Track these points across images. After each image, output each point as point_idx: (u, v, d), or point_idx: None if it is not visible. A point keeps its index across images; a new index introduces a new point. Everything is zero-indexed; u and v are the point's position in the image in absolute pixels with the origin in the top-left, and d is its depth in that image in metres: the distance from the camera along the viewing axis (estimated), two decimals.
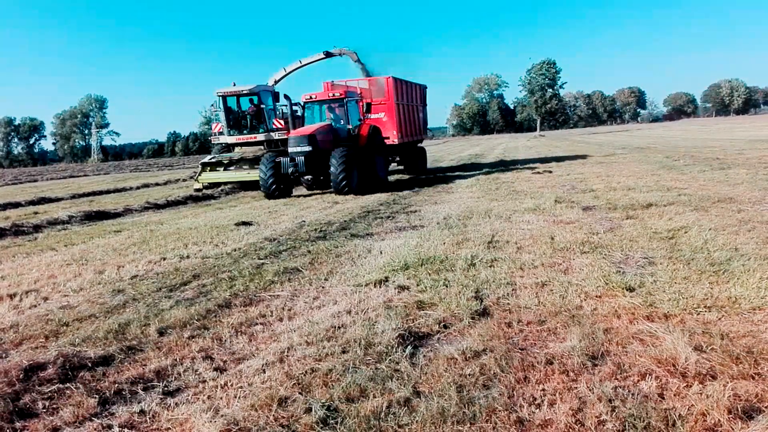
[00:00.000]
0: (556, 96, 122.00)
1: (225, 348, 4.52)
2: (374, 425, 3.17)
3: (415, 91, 24.44)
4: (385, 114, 20.97)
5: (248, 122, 20.29)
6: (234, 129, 20.38)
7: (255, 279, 6.60)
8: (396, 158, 23.15)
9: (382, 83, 21.33)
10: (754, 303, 4.64)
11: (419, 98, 25.07)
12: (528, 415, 3.20)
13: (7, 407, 3.60)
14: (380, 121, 20.56)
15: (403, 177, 22.50)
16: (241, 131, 20.32)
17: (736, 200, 10.04)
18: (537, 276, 5.89)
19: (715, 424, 2.99)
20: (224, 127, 20.22)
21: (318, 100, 17.89)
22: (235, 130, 20.39)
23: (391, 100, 20.94)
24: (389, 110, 20.97)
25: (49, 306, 6.03)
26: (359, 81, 21.88)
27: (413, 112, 23.78)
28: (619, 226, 8.35)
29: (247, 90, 20.02)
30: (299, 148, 15.90)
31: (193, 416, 3.41)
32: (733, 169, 15.89)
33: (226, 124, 20.16)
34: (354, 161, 16.20)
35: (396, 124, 20.99)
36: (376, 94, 20.95)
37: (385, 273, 6.36)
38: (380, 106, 20.88)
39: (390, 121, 20.95)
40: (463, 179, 19.21)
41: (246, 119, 20.35)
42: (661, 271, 5.74)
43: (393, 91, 20.99)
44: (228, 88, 20.04)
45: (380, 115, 20.84)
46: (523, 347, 4.15)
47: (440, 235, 8.47)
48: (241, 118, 20.42)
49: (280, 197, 16.67)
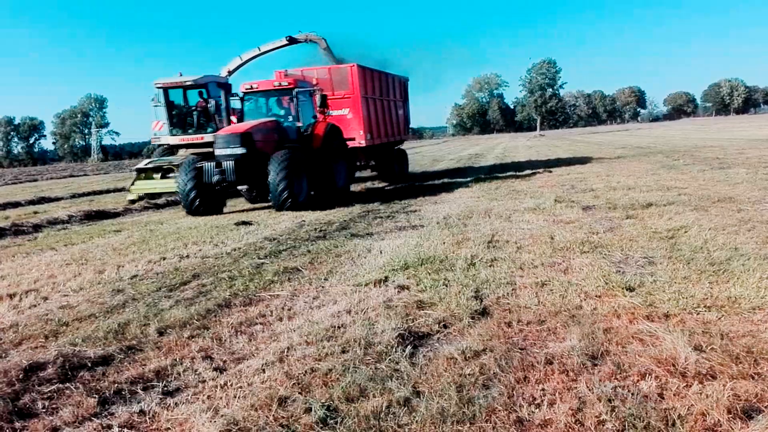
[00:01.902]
0: (556, 95, 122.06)
1: (225, 348, 4.52)
2: (374, 425, 3.17)
3: (392, 84, 20.76)
4: (350, 110, 17.38)
5: (195, 120, 17.39)
6: (177, 128, 17.51)
7: (255, 279, 6.60)
8: (370, 162, 19.68)
9: (344, 73, 17.55)
10: (753, 303, 4.64)
11: (398, 92, 21.54)
12: (528, 415, 3.20)
13: (6, 407, 3.60)
14: (343, 118, 17.18)
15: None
16: (185, 130, 17.48)
17: (735, 200, 10.04)
18: (537, 276, 5.89)
19: (715, 424, 2.99)
20: (166, 125, 17.53)
21: (260, 91, 14.52)
22: (179, 129, 17.52)
23: (357, 94, 17.25)
24: (354, 105, 17.35)
25: (49, 306, 6.03)
26: (318, 70, 17.81)
27: (389, 109, 20.16)
28: (619, 225, 8.35)
29: (192, 81, 17.08)
30: (229, 151, 12.60)
31: (193, 416, 3.41)
32: (732, 168, 15.89)
33: (168, 122, 17.42)
34: (302, 167, 13.18)
35: (363, 122, 17.37)
36: (338, 86, 17.34)
37: (385, 273, 6.36)
38: (343, 101, 17.35)
39: (355, 119, 17.35)
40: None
41: (192, 116, 17.46)
42: (660, 270, 5.74)
43: (358, 82, 17.27)
44: (169, 79, 17.21)
45: (343, 111, 17.36)
46: (523, 347, 4.15)
47: (440, 234, 8.47)
48: (187, 114, 17.59)
49: (206, 213, 13.09)
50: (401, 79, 22.34)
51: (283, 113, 14.64)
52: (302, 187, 13.17)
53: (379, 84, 19.33)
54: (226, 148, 12.69)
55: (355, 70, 17.32)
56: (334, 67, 18.44)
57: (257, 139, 13.03)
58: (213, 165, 12.78)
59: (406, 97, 22.78)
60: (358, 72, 17.34)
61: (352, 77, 17.35)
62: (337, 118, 16.73)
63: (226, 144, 12.71)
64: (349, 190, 16.01)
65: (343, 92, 17.40)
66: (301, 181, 13.17)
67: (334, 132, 14.94)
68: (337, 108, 17.13)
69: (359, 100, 17.36)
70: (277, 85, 14.39)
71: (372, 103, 18.32)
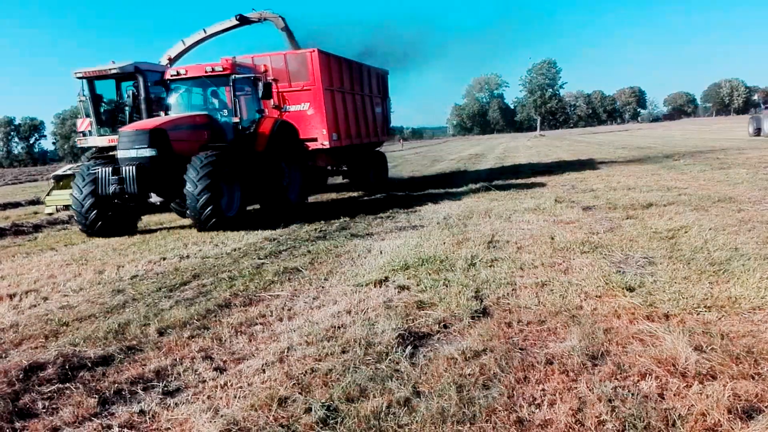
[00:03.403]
0: (556, 96, 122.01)
1: (225, 348, 4.52)
2: (374, 425, 3.17)
3: (366, 77, 17.94)
4: (311, 105, 14.57)
5: (127, 117, 14.08)
6: (106, 126, 14.48)
7: (255, 279, 6.60)
8: (342, 168, 17.04)
9: (303, 60, 14.63)
10: (754, 303, 4.64)
11: (375, 87, 18.62)
12: (528, 415, 3.20)
13: (6, 407, 3.60)
14: (302, 115, 14.52)
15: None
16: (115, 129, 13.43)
17: (736, 200, 10.04)
18: (537, 276, 5.89)
19: (715, 424, 2.99)
20: (93, 123, 14.58)
21: (188, 78, 11.70)
22: (107, 127, 14.43)
23: (318, 85, 14.44)
24: (315, 99, 14.52)
25: (49, 306, 6.03)
26: (272, 57, 14.88)
27: (363, 105, 17.31)
28: (619, 225, 8.35)
29: (118, 69, 13.86)
30: (133, 153, 10.07)
31: (193, 416, 3.41)
32: (733, 168, 15.89)
33: (95, 120, 14.45)
34: (234, 174, 10.67)
35: (327, 119, 14.59)
36: (296, 76, 14.58)
37: (385, 273, 6.36)
38: (302, 94, 14.60)
39: (317, 115, 14.56)
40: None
41: (124, 112, 14.23)
42: (661, 270, 5.74)
43: (320, 70, 14.41)
44: (92, 69, 14.15)
45: (302, 106, 14.62)
46: (523, 347, 4.15)
47: (440, 234, 8.47)
48: (118, 110, 14.58)
49: (111, 233, 10.44)
50: (379, 72, 19.30)
51: (220, 107, 11.96)
52: (233, 200, 10.73)
53: (349, 75, 16.45)
54: (129, 150, 10.12)
55: (316, 56, 14.39)
56: (291, 53, 15.42)
57: (176, 137, 10.46)
58: (110, 171, 10.06)
59: (385, 93, 19.81)
60: (319, 59, 14.43)
61: (312, 65, 14.42)
62: (295, 114, 14.36)
63: (131, 144, 10.13)
64: (305, 202, 13.47)
65: (301, 83, 14.56)
66: (233, 191, 10.70)
67: (284, 130, 12.27)
68: (296, 102, 14.56)
69: (321, 93, 14.51)
70: (209, 71, 11.46)
71: (340, 97, 15.63)
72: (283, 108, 14.23)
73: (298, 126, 13.45)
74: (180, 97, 11.93)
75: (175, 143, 10.45)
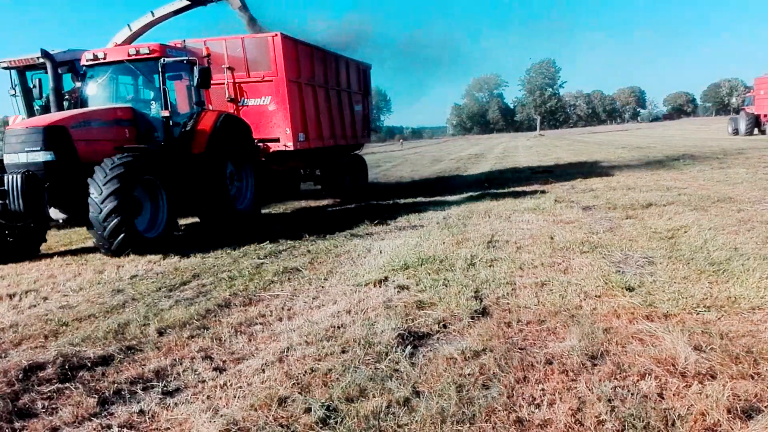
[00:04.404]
0: (556, 95, 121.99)
1: (224, 348, 4.52)
2: (374, 425, 3.17)
3: (344, 70, 15.76)
4: (272, 99, 12.48)
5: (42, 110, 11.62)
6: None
7: (254, 279, 6.60)
8: (316, 173, 15.03)
9: (263, 45, 12.37)
10: (753, 303, 4.65)
11: (354, 82, 16.41)
12: (527, 415, 3.20)
13: (6, 407, 3.60)
14: (263, 111, 12.55)
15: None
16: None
17: (735, 200, 10.05)
18: (536, 276, 5.90)
19: (715, 423, 3.00)
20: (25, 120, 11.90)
21: (109, 63, 9.70)
22: None
23: (281, 76, 12.28)
24: (278, 92, 12.42)
25: (49, 306, 6.02)
26: (227, 41, 12.58)
27: (339, 102, 15.24)
28: (619, 225, 8.35)
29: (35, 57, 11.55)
30: (24, 157, 8.03)
31: (193, 416, 3.41)
32: (732, 168, 15.90)
33: (27, 116, 12.19)
34: (156, 183, 8.67)
35: (292, 116, 12.47)
36: (255, 65, 12.41)
37: (385, 273, 6.36)
38: (262, 86, 12.49)
39: (280, 111, 12.47)
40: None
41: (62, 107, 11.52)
42: (660, 270, 5.75)
43: (284, 59, 12.23)
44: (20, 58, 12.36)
45: (262, 100, 12.58)
46: (523, 347, 4.15)
47: (440, 234, 8.47)
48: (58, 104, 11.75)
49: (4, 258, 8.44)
50: (360, 66, 17.01)
51: (149, 99, 9.95)
52: (158, 216, 8.80)
53: (322, 67, 14.36)
54: (19, 153, 8.05)
55: (279, 41, 12.15)
56: (250, 37, 13.02)
57: (83, 137, 8.46)
58: None
59: (366, 90, 17.52)
60: (283, 44, 12.20)
61: (274, 51, 12.19)
62: (254, 110, 12.47)
63: (20, 146, 8.06)
64: (259, 213, 11.47)
65: (261, 73, 12.43)
66: (158, 205, 8.78)
67: (231, 127, 10.44)
68: (255, 95, 12.54)
69: (285, 85, 12.34)
70: (132, 54, 9.50)
71: (310, 91, 13.54)
72: (241, 102, 12.34)
73: (257, 123, 12.00)
74: (99, 87, 9.83)
75: (82, 144, 8.40)
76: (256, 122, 12.04)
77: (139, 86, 10.15)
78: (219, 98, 12.17)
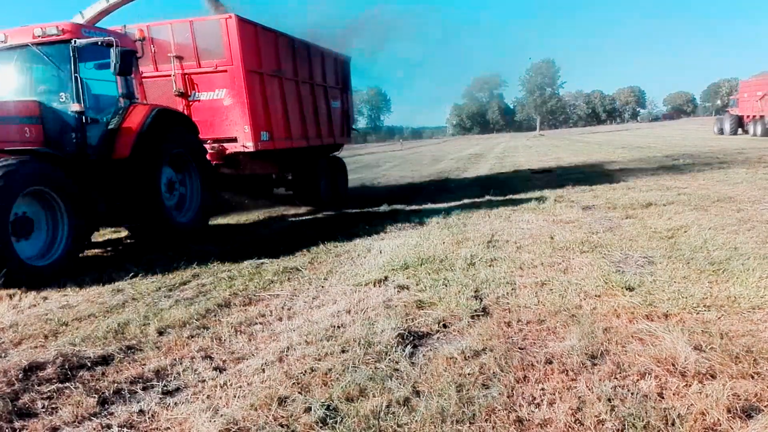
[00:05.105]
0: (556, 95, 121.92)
1: (224, 347, 4.52)
2: (374, 425, 3.17)
3: (318, 62, 13.99)
4: (228, 92, 10.85)
5: None
6: None
7: (254, 278, 6.60)
8: (287, 176, 13.29)
9: (215, 29, 10.73)
10: (753, 302, 4.64)
11: (331, 75, 14.78)
12: (527, 415, 3.20)
13: (6, 407, 3.60)
14: (217, 106, 10.92)
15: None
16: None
17: (735, 199, 10.06)
18: (536, 275, 5.90)
19: (715, 423, 3.00)
20: None
21: (10, 47, 8.06)
22: None
23: (238, 65, 10.68)
24: (234, 84, 10.79)
25: (49, 305, 6.02)
26: (174, 24, 10.91)
27: (313, 97, 13.50)
28: (619, 225, 8.36)
29: None
30: None
31: (193, 416, 3.41)
32: (732, 168, 15.90)
33: None
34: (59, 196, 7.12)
35: (250, 111, 10.82)
36: (206, 53, 10.77)
37: (385, 272, 6.36)
38: (216, 77, 10.84)
39: (238, 106, 10.84)
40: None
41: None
42: (660, 270, 5.75)
43: (240, 45, 10.59)
44: None
45: (216, 93, 10.91)
46: (523, 346, 4.15)
47: (440, 234, 8.47)
48: None
49: None
50: (338, 57, 15.17)
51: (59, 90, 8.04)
52: (57, 238, 7.20)
53: (290, 56, 12.56)
54: None
55: (234, 24, 10.51)
56: (199, 20, 11.10)
57: None
58: None
59: (345, 84, 15.74)
60: (239, 28, 10.56)
61: (229, 37, 10.55)
62: (206, 105, 10.90)
63: None
64: (206, 224, 9.90)
65: (214, 62, 10.76)
66: (57, 224, 7.19)
67: (168, 124, 8.81)
68: (207, 88, 10.88)
69: (243, 76, 10.72)
70: (39, 36, 7.85)
71: (275, 84, 11.89)
72: (192, 96, 10.75)
73: (211, 121, 10.64)
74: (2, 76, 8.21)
75: None
76: (209, 119, 10.70)
77: (53, 75, 8.17)
78: (166, 92, 10.74)
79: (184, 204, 9.42)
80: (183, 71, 10.87)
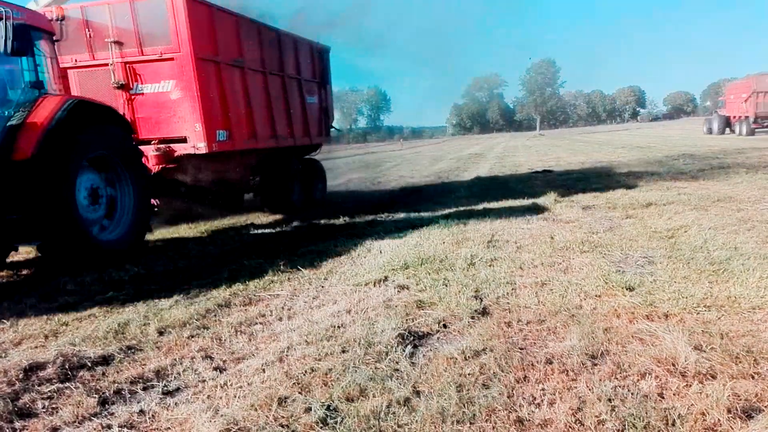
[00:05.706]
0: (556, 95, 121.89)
1: (224, 347, 4.52)
2: (374, 425, 3.17)
3: (291, 51, 12.49)
4: (176, 83, 9.45)
5: None
6: None
7: (254, 278, 6.59)
8: (255, 179, 11.81)
9: (160, 9, 9.26)
10: (753, 302, 4.64)
11: (306, 67, 13.24)
12: (528, 415, 3.20)
13: (6, 407, 3.60)
14: (163, 99, 9.56)
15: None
16: None
17: (735, 199, 10.05)
18: (536, 275, 5.90)
19: (715, 423, 3.00)
20: None
21: None
22: None
23: (187, 51, 9.28)
24: (183, 74, 9.39)
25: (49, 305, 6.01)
26: (112, 5, 9.43)
27: (284, 92, 12.09)
28: (619, 225, 8.36)
29: None
30: None
31: (193, 416, 3.41)
32: (732, 168, 15.90)
33: None
34: None
35: (202, 105, 9.45)
36: (150, 38, 9.42)
37: (385, 272, 6.36)
38: (162, 66, 9.47)
39: (187, 100, 9.45)
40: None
41: None
42: (660, 270, 5.75)
43: (190, 28, 9.22)
44: None
45: (162, 85, 9.53)
46: (523, 347, 4.15)
47: (440, 234, 8.47)
48: None
49: None
50: (315, 47, 13.70)
51: None
52: None
53: (257, 44, 11.10)
54: None
55: (181, 3, 9.10)
56: (141, 0, 9.37)
57: None
58: None
59: (324, 78, 14.19)
60: (188, 8, 9.15)
61: (176, 19, 9.17)
62: (151, 99, 9.56)
63: None
64: (140, 244, 8.34)
65: (159, 49, 9.40)
66: None
67: (88, 120, 7.29)
68: (152, 80, 9.52)
69: (193, 64, 9.30)
70: None
71: (235, 75, 10.48)
72: (134, 89, 9.48)
73: (157, 118, 9.47)
74: None
75: None
76: (155, 116, 9.50)
77: None
78: (105, 84, 9.54)
79: (113, 218, 7.87)
80: (123, 60, 9.48)
